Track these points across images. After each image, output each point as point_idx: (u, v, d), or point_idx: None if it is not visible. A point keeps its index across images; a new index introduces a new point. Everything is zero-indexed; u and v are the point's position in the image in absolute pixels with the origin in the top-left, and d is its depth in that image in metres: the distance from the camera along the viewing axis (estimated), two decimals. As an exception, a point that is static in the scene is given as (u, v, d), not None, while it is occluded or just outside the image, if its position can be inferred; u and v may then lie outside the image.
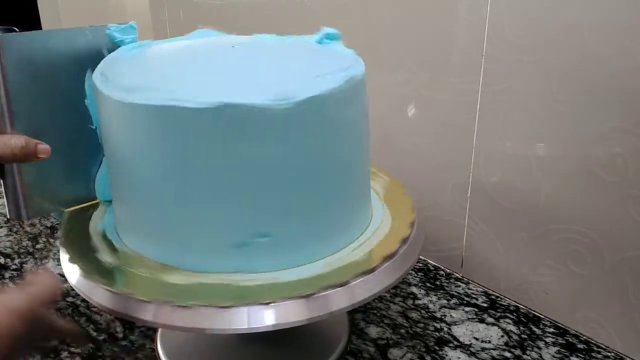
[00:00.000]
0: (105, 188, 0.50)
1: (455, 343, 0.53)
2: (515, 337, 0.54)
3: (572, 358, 0.51)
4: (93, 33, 0.47)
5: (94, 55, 0.47)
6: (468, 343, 0.53)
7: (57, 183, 0.48)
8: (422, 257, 0.67)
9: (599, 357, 0.51)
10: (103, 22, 0.48)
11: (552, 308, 0.56)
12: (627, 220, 0.48)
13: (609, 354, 0.51)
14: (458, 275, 0.64)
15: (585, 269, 0.52)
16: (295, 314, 0.38)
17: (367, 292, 0.40)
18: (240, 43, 0.50)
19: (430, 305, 0.59)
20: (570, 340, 0.53)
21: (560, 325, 0.55)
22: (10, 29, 0.43)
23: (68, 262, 0.44)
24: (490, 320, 0.56)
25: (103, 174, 0.50)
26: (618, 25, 0.45)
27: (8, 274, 0.66)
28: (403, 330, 0.55)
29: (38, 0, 1.35)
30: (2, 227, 0.78)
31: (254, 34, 0.53)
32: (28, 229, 0.78)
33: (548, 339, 0.53)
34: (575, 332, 0.54)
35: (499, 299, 0.60)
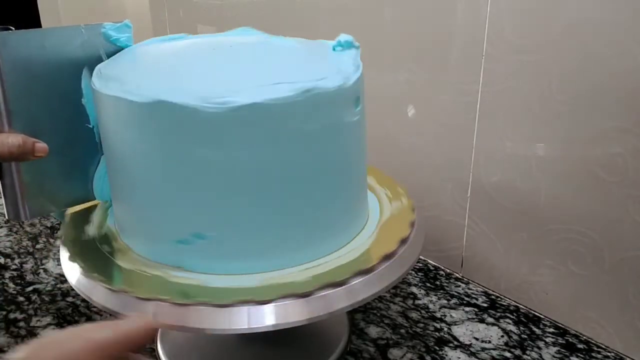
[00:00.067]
0: (104, 188, 0.50)
1: (455, 343, 0.53)
2: (515, 337, 0.54)
3: (572, 358, 0.51)
4: (88, 31, 0.47)
5: (90, 54, 0.47)
6: (468, 343, 0.53)
7: (55, 183, 0.48)
8: (422, 257, 0.67)
9: (599, 357, 0.51)
10: (103, 22, 0.48)
11: (552, 308, 0.56)
12: (627, 220, 0.48)
13: (609, 354, 0.51)
14: (458, 275, 0.64)
15: (585, 269, 0.52)
16: (295, 314, 0.38)
17: (367, 292, 0.40)
18: (243, 44, 0.50)
19: (430, 305, 0.59)
20: (570, 340, 0.53)
21: (560, 325, 0.55)
22: (7, 28, 0.43)
23: (68, 260, 0.44)
24: (490, 320, 0.56)
25: (101, 174, 0.50)
26: (618, 25, 0.45)
27: (8, 274, 0.66)
28: (403, 330, 0.55)
29: (38, 1, 1.35)
30: (2, 227, 0.78)
31: (278, 36, 0.52)
32: (28, 229, 0.78)
33: (548, 339, 0.53)
34: (575, 332, 0.54)
35: (499, 299, 0.60)
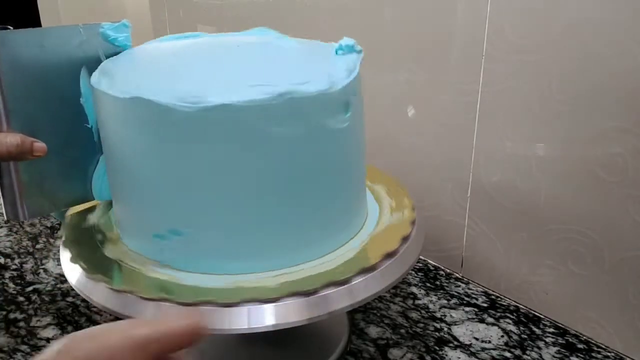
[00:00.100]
0: (102, 188, 0.50)
1: (455, 343, 0.53)
2: (515, 337, 0.54)
3: (572, 358, 0.51)
4: (87, 31, 0.47)
5: (88, 54, 0.47)
6: (468, 343, 0.53)
7: (54, 183, 0.48)
8: (422, 257, 0.67)
9: (599, 357, 0.51)
10: (103, 22, 0.48)
11: (552, 308, 0.56)
12: (627, 220, 0.48)
13: (609, 354, 0.51)
14: (458, 275, 0.64)
15: (585, 269, 0.52)
16: (296, 314, 0.38)
17: (367, 291, 0.40)
18: (249, 44, 0.49)
19: (430, 305, 0.59)
20: (570, 340, 0.53)
21: (560, 325, 0.55)
22: (4, 27, 0.43)
23: (69, 261, 0.44)
24: (490, 320, 0.56)
25: (100, 174, 0.50)
26: (618, 25, 0.45)
27: (8, 274, 0.66)
28: (403, 330, 0.55)
29: (38, 1, 1.35)
30: (2, 227, 0.78)
31: (291, 38, 0.51)
32: (28, 229, 0.78)
33: (548, 339, 0.53)
34: (575, 332, 0.54)
35: (499, 299, 0.60)
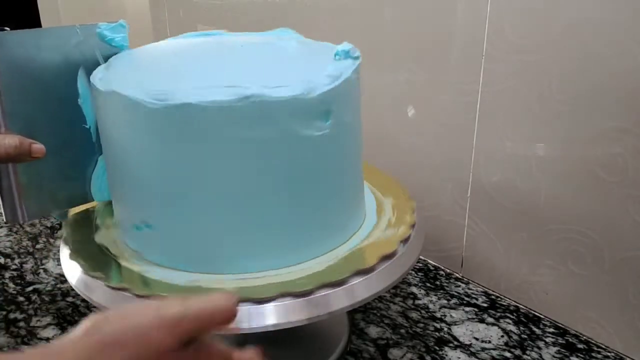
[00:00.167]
0: (102, 188, 0.50)
1: (455, 343, 0.53)
2: (515, 337, 0.54)
3: (572, 358, 0.51)
4: (84, 32, 0.47)
5: (86, 54, 0.47)
6: (468, 343, 0.53)
7: (52, 184, 0.48)
8: (422, 257, 0.67)
9: (599, 357, 0.51)
10: (103, 22, 0.48)
11: (552, 308, 0.56)
12: (627, 220, 0.48)
13: (609, 354, 0.51)
14: (458, 275, 0.64)
15: (585, 269, 0.52)
16: (295, 314, 0.38)
17: (367, 292, 0.40)
18: (253, 44, 0.49)
19: (430, 305, 0.59)
20: (570, 340, 0.53)
21: (560, 325, 0.55)
22: (1, 29, 0.43)
23: (68, 259, 0.44)
24: (490, 320, 0.56)
25: (98, 174, 0.50)
26: (618, 25, 0.45)
27: (8, 274, 0.66)
28: (403, 330, 0.55)
29: (38, 1, 1.35)
30: (2, 227, 0.78)
31: (309, 39, 0.51)
32: (28, 229, 0.78)
33: (548, 339, 0.53)
34: (575, 332, 0.54)
35: (499, 299, 0.60)
